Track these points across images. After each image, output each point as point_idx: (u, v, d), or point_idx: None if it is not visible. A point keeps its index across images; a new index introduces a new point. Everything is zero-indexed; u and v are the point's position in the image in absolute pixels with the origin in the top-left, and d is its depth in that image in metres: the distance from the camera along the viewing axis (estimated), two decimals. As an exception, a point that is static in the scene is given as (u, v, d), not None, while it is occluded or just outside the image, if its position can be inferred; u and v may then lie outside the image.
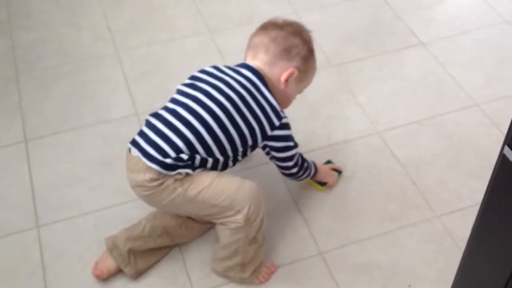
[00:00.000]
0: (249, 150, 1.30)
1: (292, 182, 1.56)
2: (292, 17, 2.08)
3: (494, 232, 0.82)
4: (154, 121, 1.25)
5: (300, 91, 1.38)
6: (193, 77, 1.31)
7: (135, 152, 1.23)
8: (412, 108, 1.76)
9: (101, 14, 2.09)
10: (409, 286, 1.36)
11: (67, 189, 1.56)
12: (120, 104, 1.78)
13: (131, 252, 1.35)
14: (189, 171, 1.20)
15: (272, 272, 1.38)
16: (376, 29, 2.02)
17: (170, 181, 1.21)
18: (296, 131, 1.69)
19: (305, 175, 1.42)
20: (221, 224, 1.26)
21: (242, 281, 1.35)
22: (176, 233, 1.39)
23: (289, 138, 1.32)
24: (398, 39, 1.98)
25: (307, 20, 2.05)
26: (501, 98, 1.78)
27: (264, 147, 1.32)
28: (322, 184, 1.52)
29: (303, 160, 1.40)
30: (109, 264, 1.35)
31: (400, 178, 1.57)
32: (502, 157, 0.73)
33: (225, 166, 1.29)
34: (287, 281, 1.37)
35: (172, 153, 1.19)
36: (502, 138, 0.76)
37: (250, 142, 1.27)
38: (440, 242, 1.43)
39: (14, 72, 1.89)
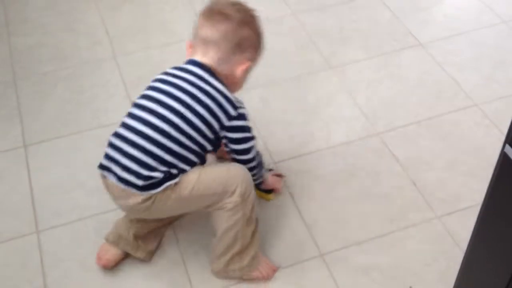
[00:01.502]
0: (216, 142, 1.29)
1: (292, 184, 1.56)
2: (290, 19, 2.10)
3: (495, 231, 0.82)
4: (119, 143, 1.24)
5: (250, 74, 1.37)
6: (149, 87, 1.30)
7: (113, 180, 1.23)
8: (411, 109, 1.76)
9: (99, 19, 2.09)
10: (410, 287, 1.35)
11: (67, 193, 1.55)
12: (118, 109, 1.77)
13: (136, 236, 1.36)
14: (174, 181, 1.21)
15: (274, 270, 1.38)
16: (374, 30, 2.02)
17: (161, 193, 1.22)
18: (294, 134, 1.70)
19: (261, 172, 1.41)
20: (219, 209, 1.26)
21: (242, 271, 1.34)
22: None
23: (246, 128, 1.30)
24: (396, 40, 1.98)
25: (306, 22, 2.07)
26: (500, 98, 1.78)
27: (224, 142, 1.30)
28: (269, 192, 1.51)
29: (259, 154, 1.39)
30: (113, 252, 1.37)
31: (400, 179, 1.57)
32: (503, 156, 0.73)
33: (200, 162, 1.29)
34: (288, 283, 1.37)
35: (145, 172, 1.19)
36: (501, 138, 0.76)
37: (212, 136, 1.26)
38: (441, 243, 1.43)
39: (12, 77, 1.89)
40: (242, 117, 1.28)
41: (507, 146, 0.72)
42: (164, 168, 1.21)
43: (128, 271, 1.40)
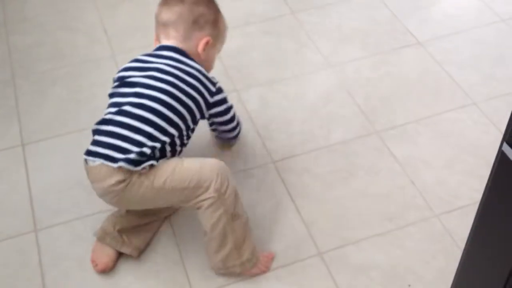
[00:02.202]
0: (196, 124, 1.35)
1: (291, 182, 1.56)
2: (289, 18, 2.10)
3: (493, 229, 0.82)
4: (105, 127, 1.27)
5: (219, 51, 1.45)
6: (120, 78, 1.33)
7: (94, 161, 1.25)
8: (410, 107, 1.75)
9: (97, 17, 2.09)
10: (409, 286, 1.35)
11: (65, 192, 1.55)
12: (117, 107, 1.77)
13: (122, 232, 1.37)
14: (153, 162, 1.23)
15: (271, 259, 1.38)
16: (373, 29, 2.02)
17: (135, 177, 1.23)
18: (294, 132, 1.70)
19: (236, 131, 1.51)
20: (198, 208, 1.27)
21: (243, 267, 1.34)
22: (158, 209, 1.41)
23: (227, 99, 1.39)
24: (395, 39, 1.98)
25: (304, 21, 2.07)
26: (499, 96, 1.78)
27: (209, 117, 1.39)
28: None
29: (238, 119, 1.49)
30: (107, 252, 1.37)
31: (398, 177, 1.57)
32: (500, 154, 0.73)
33: (181, 148, 1.32)
34: (286, 281, 1.37)
35: (134, 148, 1.22)
36: (500, 136, 0.76)
37: (198, 115, 1.32)
38: (440, 241, 1.43)
39: (11, 76, 1.88)
40: (220, 90, 1.37)
41: (505, 144, 0.72)
42: (150, 148, 1.22)
43: (127, 270, 1.39)
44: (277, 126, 1.71)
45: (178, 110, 1.27)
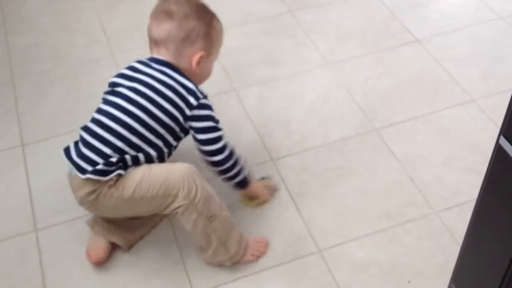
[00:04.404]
0: (180, 135, 1.32)
1: (290, 180, 1.56)
2: (287, 16, 2.10)
3: (491, 222, 0.82)
4: (84, 135, 1.29)
5: (215, 59, 1.39)
6: (112, 84, 1.35)
7: (72, 169, 1.27)
8: (408, 105, 1.76)
9: (96, 18, 2.09)
10: (409, 282, 1.35)
11: (65, 192, 1.54)
12: (116, 107, 1.77)
13: (112, 223, 1.38)
14: (120, 171, 1.24)
15: (264, 244, 1.39)
16: (371, 27, 2.02)
17: (105, 189, 1.24)
18: (292, 130, 1.70)
19: (236, 169, 1.34)
20: (172, 216, 1.29)
21: (233, 260, 1.35)
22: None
23: (210, 118, 1.30)
24: (393, 37, 1.98)
25: (302, 19, 2.07)
26: (497, 93, 1.78)
27: (194, 139, 1.31)
28: (252, 199, 1.47)
29: (233, 151, 1.35)
30: (101, 244, 1.38)
31: (397, 175, 1.57)
32: (498, 148, 0.73)
33: (161, 158, 1.31)
34: (286, 279, 1.37)
35: (100, 160, 1.24)
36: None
37: (176, 128, 1.29)
38: (439, 238, 1.43)
39: (10, 77, 1.89)
40: (204, 106, 1.29)
41: (502, 138, 0.73)
42: (117, 158, 1.23)
43: (127, 269, 1.40)
44: (276, 124, 1.71)
45: (151, 127, 1.26)
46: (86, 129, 1.30)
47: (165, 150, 1.31)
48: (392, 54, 1.92)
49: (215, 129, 1.30)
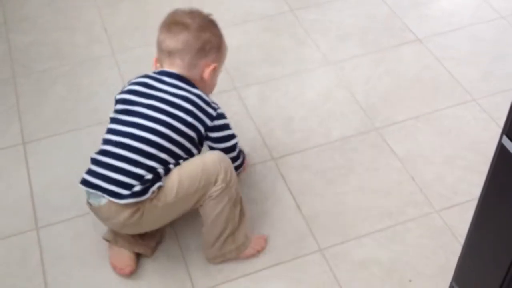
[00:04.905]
0: (199, 146, 1.35)
1: (291, 179, 1.56)
2: (288, 15, 2.10)
3: (493, 222, 0.82)
4: (105, 159, 1.27)
5: (221, 71, 1.43)
6: (124, 101, 1.33)
7: (99, 201, 1.26)
8: (409, 104, 1.76)
9: (97, 16, 2.09)
10: (410, 281, 1.36)
11: (66, 190, 1.56)
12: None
13: (136, 234, 1.37)
14: (160, 184, 1.25)
15: (264, 240, 1.41)
16: (372, 26, 2.02)
17: (147, 203, 1.25)
18: (294, 129, 1.70)
19: (240, 159, 1.45)
20: (205, 199, 1.29)
21: (238, 250, 1.36)
22: None
23: (227, 127, 1.36)
24: (394, 36, 1.98)
25: (303, 18, 2.07)
26: (498, 92, 1.78)
27: (209, 144, 1.36)
28: None
29: (240, 150, 1.46)
30: (126, 255, 1.37)
31: (398, 174, 1.57)
32: (500, 147, 0.73)
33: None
34: (288, 278, 1.37)
35: (135, 182, 1.23)
36: (499, 132, 0.76)
37: (196, 139, 1.32)
38: (440, 237, 1.43)
39: (11, 75, 1.89)
40: (221, 116, 1.35)
41: (504, 137, 0.73)
42: (150, 175, 1.24)
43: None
44: (277, 123, 1.71)
45: (176, 140, 1.27)
46: (107, 153, 1.27)
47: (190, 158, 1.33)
48: (393, 53, 1.92)
49: (233, 136, 1.38)
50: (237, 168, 1.42)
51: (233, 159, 1.39)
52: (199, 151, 1.35)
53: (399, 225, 1.46)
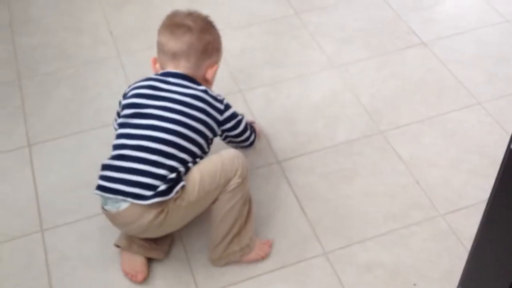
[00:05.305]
0: (210, 142, 1.38)
1: (296, 182, 1.56)
2: (293, 18, 2.10)
3: (502, 226, 0.82)
4: (123, 163, 1.27)
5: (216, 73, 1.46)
6: (132, 105, 1.33)
7: (119, 206, 1.25)
8: (414, 107, 1.76)
9: (102, 18, 2.10)
10: (414, 285, 1.35)
11: (71, 192, 1.56)
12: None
13: (149, 239, 1.37)
14: (183, 183, 1.25)
15: (268, 246, 1.41)
16: (377, 29, 2.02)
17: (171, 203, 1.25)
18: (298, 132, 1.70)
19: (252, 136, 1.54)
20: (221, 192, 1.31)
21: (242, 252, 1.36)
22: None
23: (235, 114, 1.41)
24: (399, 39, 1.98)
25: (308, 21, 2.07)
26: (503, 96, 1.78)
27: (222, 133, 1.41)
28: None
29: (248, 124, 1.51)
30: (138, 260, 1.37)
31: (403, 177, 1.57)
32: (509, 153, 0.73)
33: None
34: (292, 281, 1.37)
35: (158, 182, 1.24)
36: (504, 136, 0.76)
37: (210, 135, 1.35)
38: (445, 240, 1.43)
39: (16, 77, 1.89)
40: (228, 106, 1.39)
41: (513, 142, 0.72)
42: (173, 174, 1.24)
43: (133, 270, 1.40)
44: (282, 126, 1.72)
45: (192, 138, 1.30)
46: (124, 157, 1.27)
47: (203, 155, 1.35)
48: (398, 57, 1.92)
49: (242, 119, 1.45)
50: (253, 141, 1.54)
51: (249, 136, 1.49)
52: (209, 149, 1.37)
53: (404, 229, 1.46)
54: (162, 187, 1.22)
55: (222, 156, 1.30)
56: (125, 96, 1.37)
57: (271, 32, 2.03)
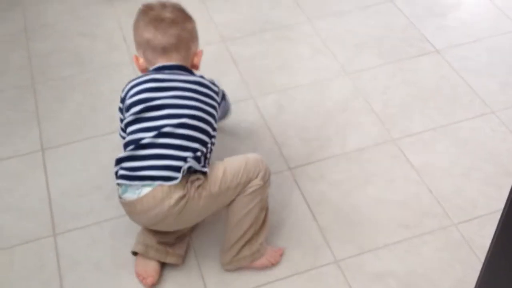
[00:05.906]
0: (216, 120, 1.40)
1: (307, 189, 1.56)
2: (305, 25, 2.11)
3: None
4: (147, 151, 1.27)
5: None
6: (139, 101, 1.32)
7: (138, 191, 1.25)
8: (427, 115, 1.75)
9: (116, 24, 2.12)
10: (426, 294, 1.34)
11: (84, 197, 1.57)
12: (135, 113, 1.78)
13: (162, 243, 1.38)
14: (207, 170, 1.28)
15: (279, 254, 1.41)
16: (390, 36, 2.01)
17: (192, 191, 1.26)
18: (310, 138, 1.70)
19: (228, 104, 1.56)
20: (239, 194, 1.32)
21: (253, 257, 1.36)
22: None
23: (223, 91, 1.46)
24: (412, 47, 1.97)
25: (320, 28, 2.07)
26: (517, 105, 1.76)
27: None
28: None
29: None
30: (152, 265, 1.37)
31: (415, 185, 1.56)
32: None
33: (211, 150, 1.36)
34: (303, 289, 1.37)
35: (183, 163, 1.25)
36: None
37: (216, 114, 1.38)
38: (457, 250, 1.42)
39: (31, 82, 1.91)
40: (219, 87, 1.43)
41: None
42: (198, 153, 1.28)
43: (144, 275, 1.40)
44: (294, 133, 1.72)
45: (207, 120, 1.33)
46: (146, 146, 1.27)
47: (215, 134, 1.37)
48: (411, 64, 1.91)
49: (225, 95, 1.49)
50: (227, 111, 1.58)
51: (228, 110, 1.57)
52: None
53: (416, 238, 1.45)
54: (191, 161, 1.25)
55: (247, 157, 1.33)
56: (124, 99, 1.35)
57: (283, 38, 2.03)
